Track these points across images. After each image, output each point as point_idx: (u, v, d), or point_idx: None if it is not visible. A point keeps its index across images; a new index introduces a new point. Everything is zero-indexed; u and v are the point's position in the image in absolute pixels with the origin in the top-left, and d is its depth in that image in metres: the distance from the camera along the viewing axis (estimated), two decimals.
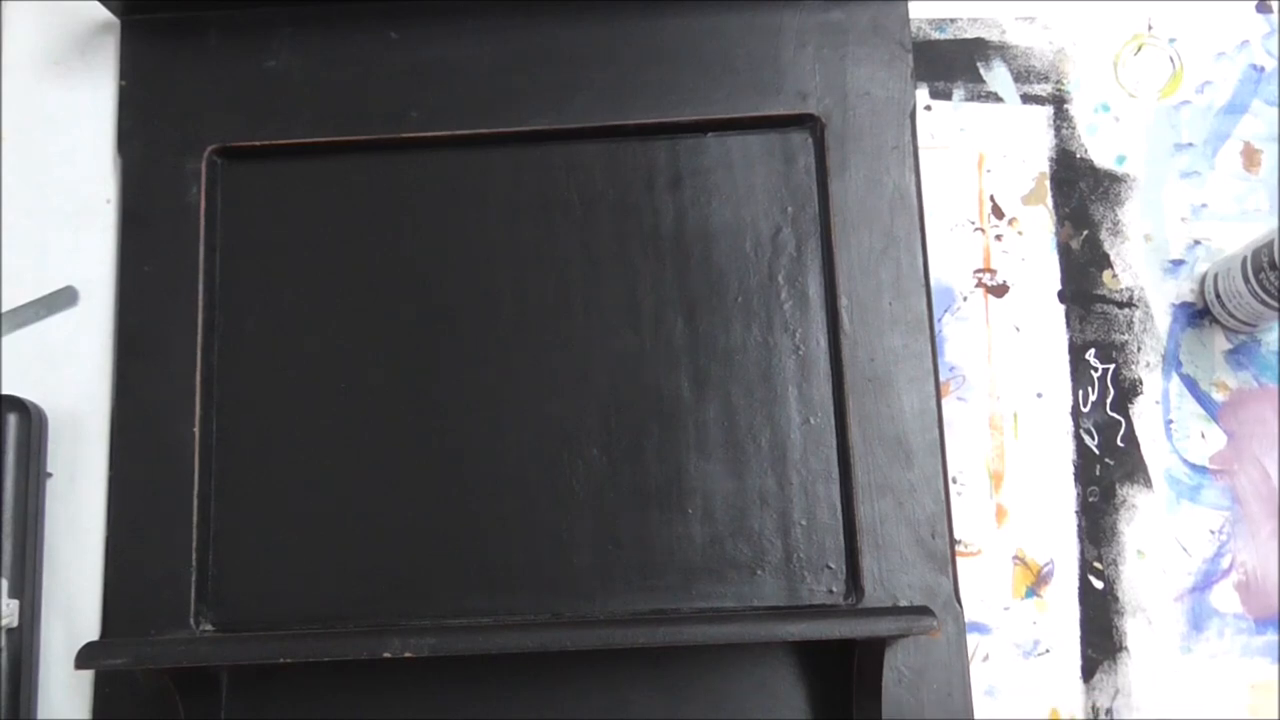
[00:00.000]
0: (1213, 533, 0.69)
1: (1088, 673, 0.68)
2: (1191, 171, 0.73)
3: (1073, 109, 0.74)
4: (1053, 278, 0.72)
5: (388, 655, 0.60)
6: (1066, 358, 0.71)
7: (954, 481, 0.69)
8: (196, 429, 0.69)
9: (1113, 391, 0.71)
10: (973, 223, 0.73)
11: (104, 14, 0.74)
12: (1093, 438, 0.70)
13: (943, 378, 0.70)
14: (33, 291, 0.72)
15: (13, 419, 0.67)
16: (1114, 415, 0.70)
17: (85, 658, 0.61)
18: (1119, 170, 0.73)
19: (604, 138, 0.72)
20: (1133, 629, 0.68)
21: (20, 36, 0.75)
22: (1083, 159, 0.73)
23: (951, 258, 0.72)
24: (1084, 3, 0.75)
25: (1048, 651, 0.68)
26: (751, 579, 0.68)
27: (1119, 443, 0.70)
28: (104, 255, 0.72)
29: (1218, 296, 0.70)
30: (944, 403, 0.70)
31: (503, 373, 0.70)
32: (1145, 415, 0.70)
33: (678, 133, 0.72)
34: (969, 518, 0.69)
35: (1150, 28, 0.75)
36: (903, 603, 0.66)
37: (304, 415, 0.70)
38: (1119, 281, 0.72)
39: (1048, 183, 0.73)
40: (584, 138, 0.72)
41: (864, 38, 0.73)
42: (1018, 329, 0.71)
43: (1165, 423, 0.70)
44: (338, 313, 0.71)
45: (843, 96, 0.72)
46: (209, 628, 0.67)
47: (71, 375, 0.71)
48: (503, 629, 0.64)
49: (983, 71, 0.74)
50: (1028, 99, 0.74)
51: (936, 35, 0.74)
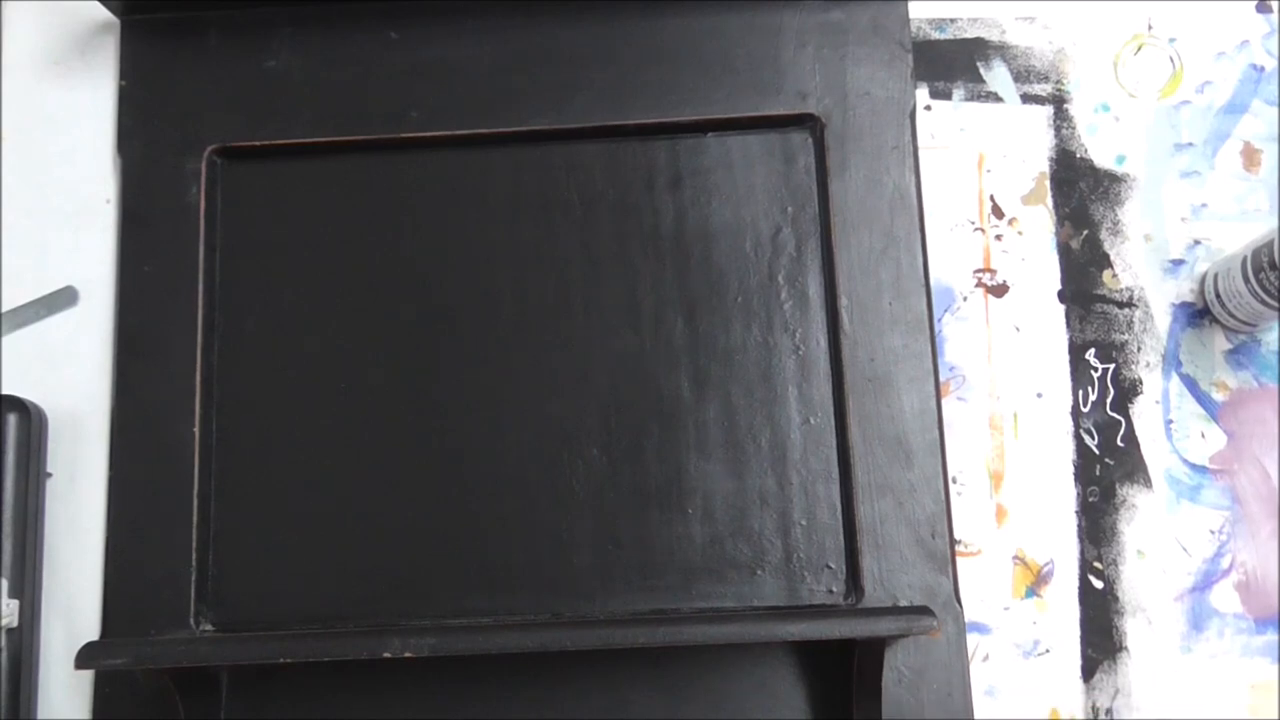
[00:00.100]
0: (1213, 533, 0.69)
1: (1088, 673, 0.68)
2: (1191, 171, 0.73)
3: (1073, 109, 0.74)
4: (1053, 278, 0.72)
5: (388, 655, 0.60)
6: (1066, 358, 0.71)
7: (954, 481, 0.69)
8: (196, 429, 0.69)
9: (1113, 391, 0.71)
10: (973, 223, 0.73)
11: (104, 14, 0.74)
12: (1093, 438, 0.70)
13: (943, 378, 0.70)
14: (33, 291, 0.72)
15: (13, 419, 0.67)
16: (1114, 415, 0.70)
17: (85, 658, 0.61)
18: (1119, 170, 0.73)
19: (604, 138, 0.72)
20: (1133, 629, 0.68)
21: (20, 36, 0.75)
22: (1083, 159, 0.73)
23: (951, 258, 0.72)
24: (1084, 3, 0.75)
25: (1048, 651, 0.68)
26: (751, 579, 0.68)
27: (1119, 443, 0.70)
28: (104, 255, 0.72)
29: (1218, 296, 0.70)
30: (944, 403, 0.70)
31: (503, 373, 0.70)
32: (1145, 415, 0.70)
33: (678, 133, 0.72)
34: (969, 518, 0.69)
35: (1150, 28, 0.75)
36: (903, 603, 0.66)
37: (304, 415, 0.70)
38: (1119, 281, 0.72)
39: (1048, 183, 0.73)
40: (584, 138, 0.72)
41: (864, 38, 0.73)
42: (1018, 329, 0.71)
43: (1165, 423, 0.70)
44: (338, 313, 0.71)
45: (843, 96, 0.72)
46: (209, 628, 0.67)
47: (71, 375, 0.71)
48: (503, 629, 0.64)
49: (983, 71, 0.74)
50: (1028, 99, 0.74)
51: (936, 35, 0.74)
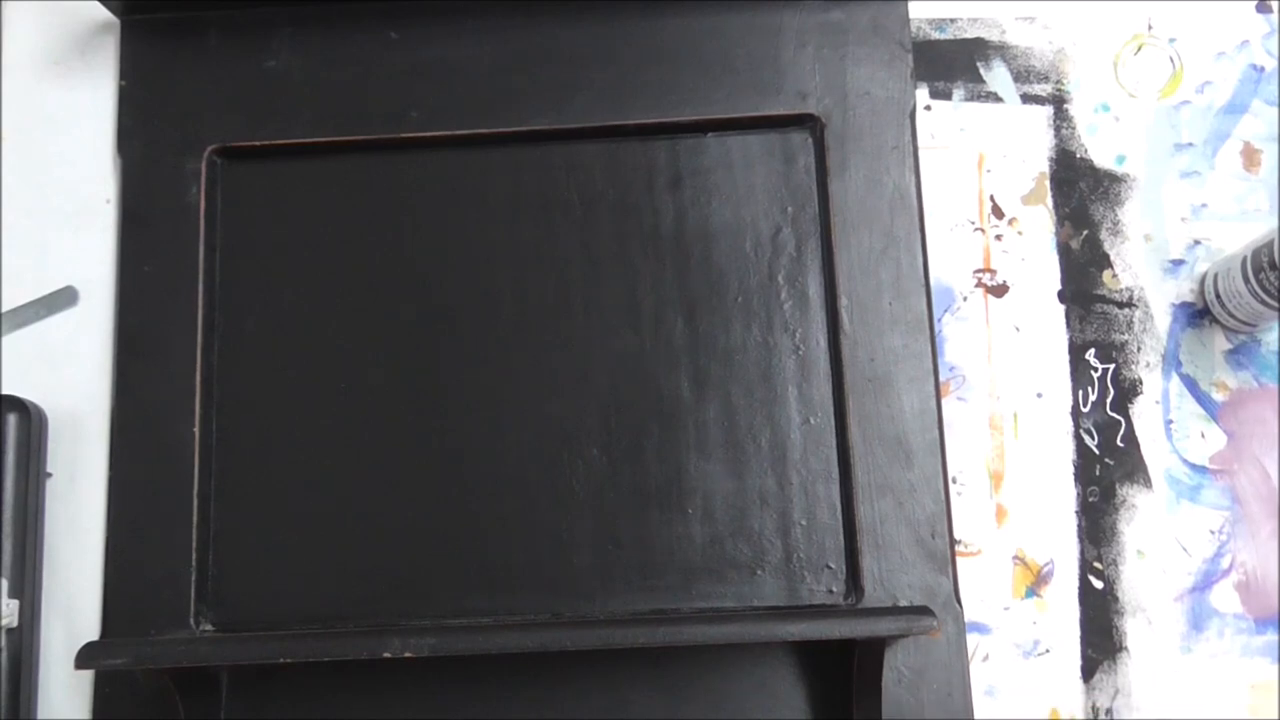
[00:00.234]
0: (1213, 533, 0.69)
1: (1088, 673, 0.68)
2: (1191, 171, 0.73)
3: (1073, 109, 0.74)
4: (1053, 278, 0.72)
5: (388, 655, 0.60)
6: (1066, 358, 0.71)
7: (954, 481, 0.69)
8: (196, 429, 0.69)
9: (1113, 391, 0.71)
10: (973, 223, 0.73)
11: (104, 14, 0.74)
12: (1093, 438, 0.70)
13: (943, 378, 0.70)
14: (33, 291, 0.72)
15: (13, 419, 0.67)
16: (1114, 415, 0.70)
17: (85, 658, 0.61)
18: (1119, 170, 0.73)
19: (604, 138, 0.72)
20: (1133, 629, 0.68)
21: (20, 36, 0.75)
22: (1083, 159, 0.73)
23: (951, 258, 0.72)
24: (1084, 3, 0.75)
25: (1048, 651, 0.68)
26: (751, 579, 0.68)
27: (1119, 443, 0.70)
28: (104, 255, 0.72)
29: (1218, 296, 0.70)
30: (944, 403, 0.70)
31: (503, 373, 0.70)
32: (1145, 415, 0.70)
33: (678, 133, 0.72)
34: (969, 518, 0.69)
35: (1150, 28, 0.75)
36: (903, 603, 0.66)
37: (304, 415, 0.70)
38: (1119, 281, 0.72)
39: (1048, 183, 0.73)
40: (584, 138, 0.72)
41: (864, 38, 0.73)
42: (1018, 329, 0.71)
43: (1165, 423, 0.70)
44: (338, 313, 0.71)
45: (843, 96, 0.72)
46: (209, 628, 0.67)
47: (71, 375, 0.71)
48: (503, 629, 0.64)
49: (983, 71, 0.74)
50: (1028, 99, 0.74)
51: (936, 35, 0.74)
